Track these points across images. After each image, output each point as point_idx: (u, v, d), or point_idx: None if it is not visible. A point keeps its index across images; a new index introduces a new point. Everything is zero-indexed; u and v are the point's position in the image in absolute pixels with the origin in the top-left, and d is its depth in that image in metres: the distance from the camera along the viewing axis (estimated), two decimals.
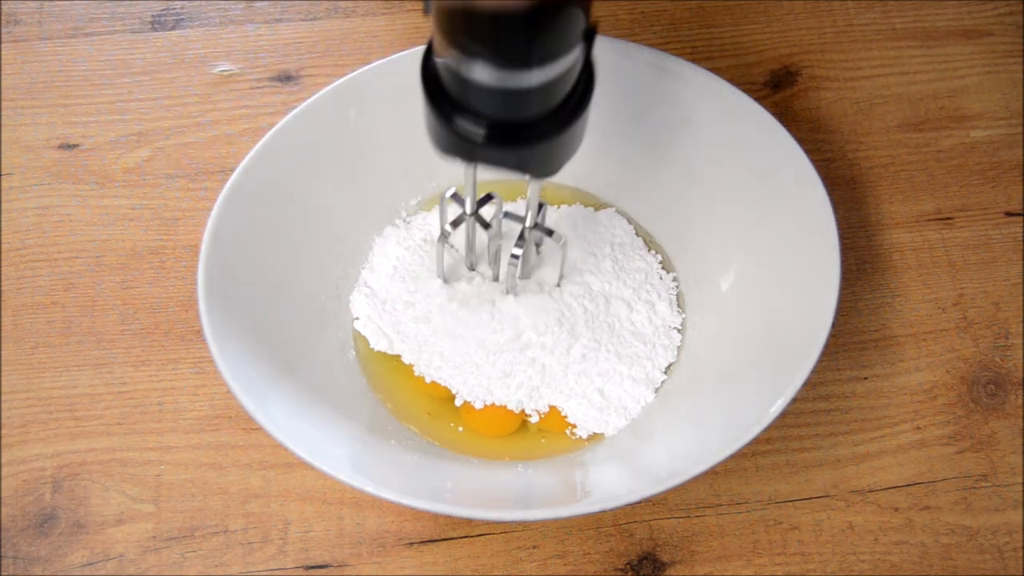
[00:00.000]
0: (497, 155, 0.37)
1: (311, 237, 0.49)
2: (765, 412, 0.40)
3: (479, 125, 0.35)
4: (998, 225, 0.53)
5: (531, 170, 0.38)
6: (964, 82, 0.57)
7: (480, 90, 0.34)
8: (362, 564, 0.45)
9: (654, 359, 0.48)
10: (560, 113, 0.36)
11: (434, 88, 0.36)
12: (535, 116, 0.36)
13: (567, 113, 0.36)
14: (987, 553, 0.46)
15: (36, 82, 0.57)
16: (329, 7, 0.59)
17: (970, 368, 0.50)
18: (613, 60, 0.47)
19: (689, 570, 0.45)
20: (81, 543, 0.46)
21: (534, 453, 0.47)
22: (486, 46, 0.32)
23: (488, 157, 0.37)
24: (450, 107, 0.36)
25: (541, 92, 0.34)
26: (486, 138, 0.36)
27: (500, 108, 0.35)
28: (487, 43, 0.32)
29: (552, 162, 0.38)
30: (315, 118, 0.48)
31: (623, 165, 0.52)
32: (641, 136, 0.51)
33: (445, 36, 0.33)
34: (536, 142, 0.36)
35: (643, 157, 0.51)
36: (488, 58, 0.32)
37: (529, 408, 0.47)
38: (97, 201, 0.54)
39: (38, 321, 0.51)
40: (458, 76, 0.34)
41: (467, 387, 0.47)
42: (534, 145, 0.36)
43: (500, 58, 0.32)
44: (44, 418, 0.48)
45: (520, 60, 0.32)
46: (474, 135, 0.36)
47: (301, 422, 0.42)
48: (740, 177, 0.48)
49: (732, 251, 0.49)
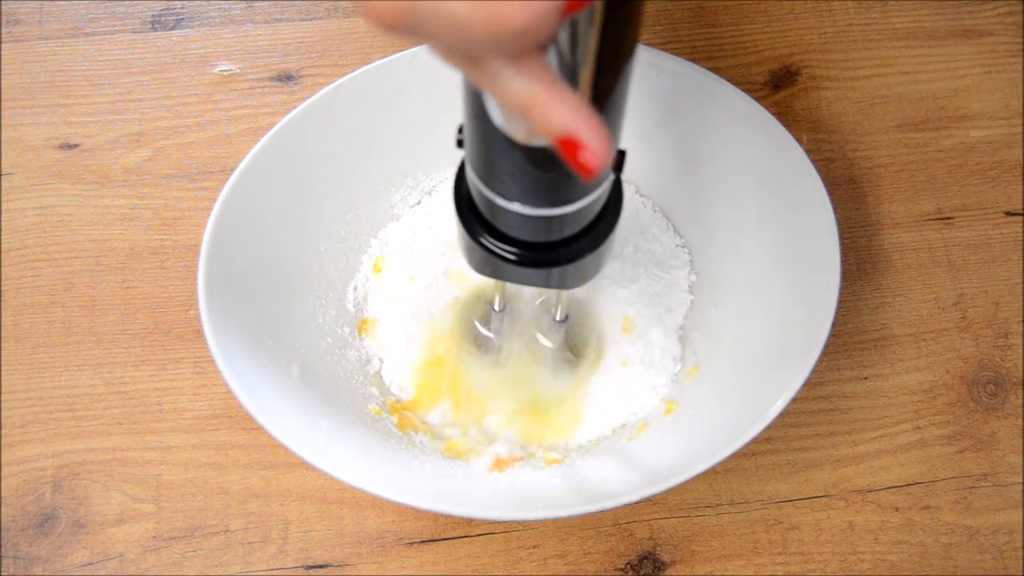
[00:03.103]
0: (525, 274, 0.37)
1: (311, 237, 0.49)
2: (765, 412, 0.40)
3: (508, 246, 0.36)
4: (998, 225, 0.53)
5: (560, 286, 0.39)
6: (964, 82, 0.57)
7: (510, 215, 0.34)
8: (362, 564, 0.45)
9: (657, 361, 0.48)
10: (589, 234, 0.36)
11: (465, 207, 0.37)
12: (565, 238, 0.36)
13: (597, 234, 0.36)
14: (987, 553, 0.46)
15: (36, 82, 0.57)
16: (329, 7, 0.59)
17: (970, 368, 0.50)
18: None
19: (689, 570, 0.45)
20: (81, 543, 0.46)
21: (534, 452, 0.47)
22: (520, 185, 0.32)
23: (518, 276, 0.37)
24: (481, 226, 0.36)
25: (572, 217, 0.34)
26: (514, 258, 0.36)
27: (530, 232, 0.35)
28: (518, 180, 0.32)
29: (580, 278, 0.39)
30: (315, 118, 0.48)
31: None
32: (640, 136, 0.51)
33: (476, 168, 0.33)
34: (565, 263, 0.36)
35: (642, 157, 0.51)
36: (523, 199, 0.33)
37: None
38: (97, 201, 0.54)
39: (38, 321, 0.51)
40: (488, 200, 0.34)
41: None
42: (564, 266, 0.37)
43: (535, 198, 0.33)
44: (44, 418, 0.48)
45: (552, 199, 0.33)
46: (502, 255, 0.36)
47: (301, 422, 0.42)
48: (740, 177, 0.48)
49: (732, 251, 0.49)
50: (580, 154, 0.26)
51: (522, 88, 0.26)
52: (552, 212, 0.33)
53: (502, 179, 0.33)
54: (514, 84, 0.26)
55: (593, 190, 0.34)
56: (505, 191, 0.33)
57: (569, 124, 0.26)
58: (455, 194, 0.37)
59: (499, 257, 0.36)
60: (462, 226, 0.37)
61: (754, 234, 0.48)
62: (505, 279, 0.39)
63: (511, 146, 0.30)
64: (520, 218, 0.34)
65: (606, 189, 0.35)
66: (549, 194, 0.33)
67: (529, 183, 0.32)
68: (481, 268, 0.39)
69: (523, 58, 0.25)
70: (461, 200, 0.37)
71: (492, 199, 0.34)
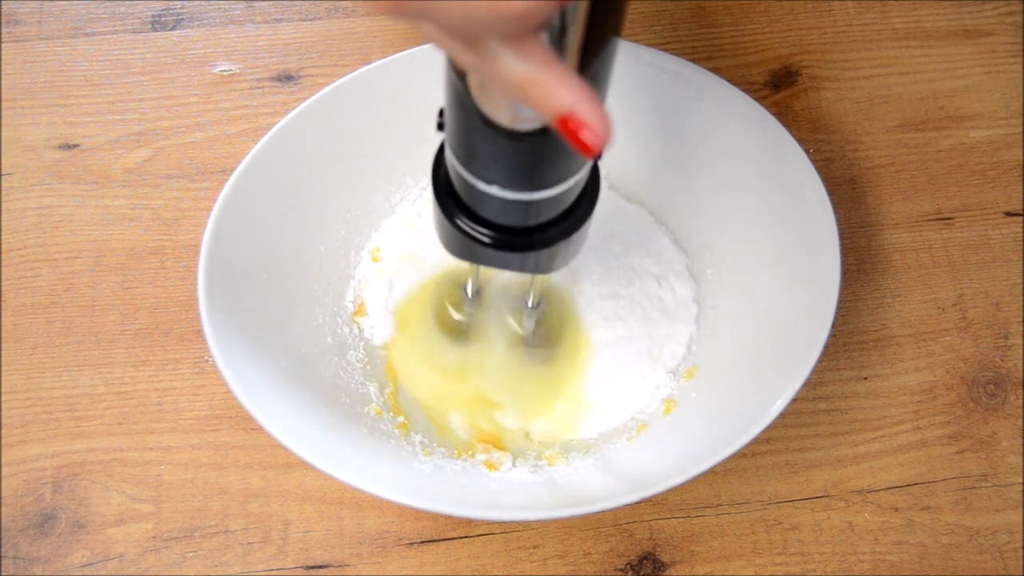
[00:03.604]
0: (502, 257, 0.37)
1: (311, 236, 0.49)
2: (765, 412, 0.40)
3: (485, 229, 0.36)
4: (998, 225, 0.53)
5: (535, 270, 0.39)
6: (964, 82, 0.57)
7: (489, 199, 0.34)
8: (362, 564, 0.45)
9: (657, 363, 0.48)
10: (566, 220, 0.36)
11: (443, 190, 0.37)
12: (541, 223, 0.36)
13: (573, 220, 0.37)
14: (987, 553, 0.46)
15: (36, 82, 0.57)
16: (329, 7, 0.59)
17: (970, 368, 0.50)
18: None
19: (689, 570, 0.45)
20: (81, 543, 0.46)
21: (535, 452, 0.47)
22: (501, 169, 0.33)
23: (493, 259, 0.38)
24: (457, 208, 0.36)
25: (549, 203, 0.35)
26: (491, 241, 0.36)
27: (508, 216, 0.35)
28: (500, 164, 0.32)
29: (556, 262, 0.39)
30: (315, 118, 0.48)
31: (620, 166, 0.52)
32: (639, 136, 0.51)
33: (457, 152, 0.33)
34: (541, 247, 0.37)
35: (641, 158, 0.51)
36: (503, 183, 0.33)
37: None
38: (97, 201, 0.54)
39: (38, 321, 0.51)
40: (467, 183, 0.34)
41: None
42: (539, 250, 0.37)
43: (516, 182, 0.33)
44: (44, 418, 0.48)
45: (533, 183, 0.33)
46: (479, 238, 0.36)
47: (301, 422, 0.42)
48: (739, 177, 0.48)
49: (731, 251, 0.49)
50: (582, 133, 0.27)
51: (523, 69, 0.26)
52: (532, 196, 0.33)
53: (483, 163, 0.33)
54: (514, 66, 0.26)
55: (572, 175, 0.34)
56: (485, 175, 0.33)
57: (571, 103, 0.26)
58: (433, 177, 0.37)
59: (476, 240, 0.36)
60: (440, 209, 0.37)
61: (753, 234, 0.48)
62: (481, 263, 0.39)
63: (494, 130, 0.30)
64: (500, 202, 0.34)
65: (585, 175, 0.35)
66: (529, 178, 0.33)
67: (510, 167, 0.32)
68: (457, 251, 0.39)
69: (521, 40, 0.26)
70: (439, 184, 0.37)
71: (472, 183, 0.34)
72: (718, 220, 0.50)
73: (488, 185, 0.33)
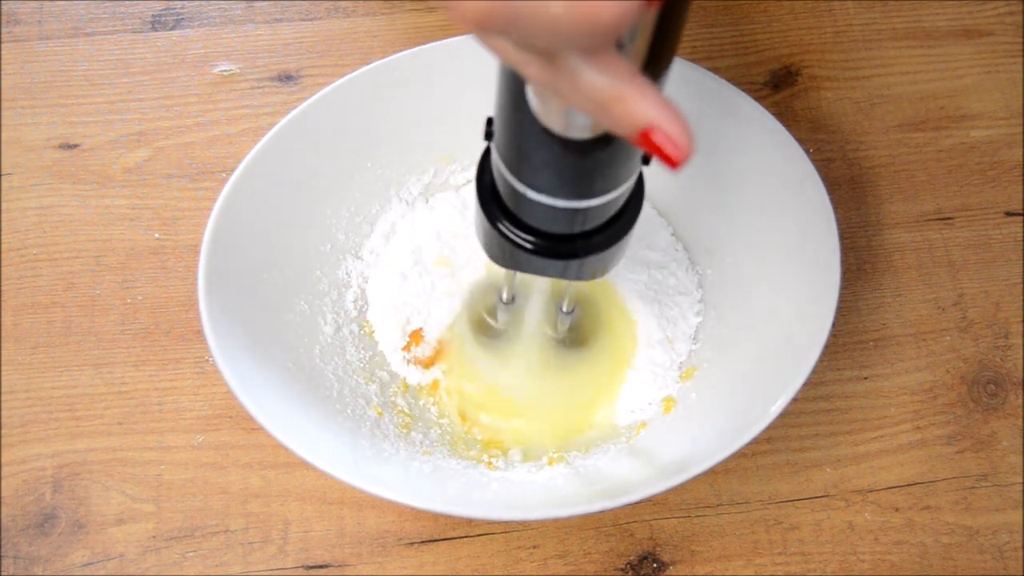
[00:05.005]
0: (543, 264, 0.37)
1: (312, 237, 0.49)
2: (765, 412, 0.40)
3: (530, 236, 0.36)
4: (998, 225, 0.53)
5: (576, 277, 0.39)
6: (964, 82, 0.57)
7: (538, 207, 0.34)
8: (362, 564, 0.45)
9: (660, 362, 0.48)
10: (611, 227, 0.36)
11: (488, 196, 0.37)
12: (587, 231, 0.36)
13: (619, 227, 0.37)
14: (987, 553, 0.46)
15: (36, 82, 0.57)
16: (329, 7, 0.59)
17: (970, 368, 0.50)
18: None
19: (689, 570, 0.45)
20: (81, 543, 0.46)
21: (535, 453, 0.47)
22: (552, 177, 0.32)
23: (536, 266, 0.38)
24: (500, 213, 0.36)
25: (599, 209, 0.35)
26: (536, 248, 0.36)
27: (556, 224, 0.35)
28: (555, 173, 0.32)
29: (598, 271, 0.39)
30: (315, 118, 0.48)
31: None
32: None
33: (508, 163, 0.33)
34: (585, 255, 0.37)
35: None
36: (553, 191, 0.33)
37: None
38: (97, 201, 0.54)
39: (38, 321, 0.51)
40: (516, 192, 0.34)
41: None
42: (583, 258, 0.37)
43: (566, 190, 0.33)
44: (44, 418, 0.48)
45: (583, 191, 0.33)
46: (524, 245, 0.36)
47: (301, 422, 0.42)
48: (740, 177, 0.48)
49: (731, 251, 0.49)
50: (665, 147, 0.26)
51: (604, 83, 0.25)
52: (582, 204, 0.34)
53: (535, 171, 0.33)
54: (596, 80, 0.25)
55: (623, 183, 0.34)
56: (536, 183, 0.33)
57: (653, 117, 0.26)
58: (478, 183, 0.37)
59: (519, 247, 0.36)
60: (484, 215, 0.37)
61: (754, 234, 0.48)
62: (522, 269, 0.39)
63: (549, 138, 0.30)
64: (547, 209, 0.34)
65: (632, 182, 0.35)
66: (581, 186, 0.33)
67: (563, 175, 0.32)
68: (499, 258, 0.39)
69: (602, 53, 0.25)
70: (484, 189, 0.37)
71: (522, 191, 0.34)
72: (718, 220, 0.50)
73: (538, 193, 0.33)
